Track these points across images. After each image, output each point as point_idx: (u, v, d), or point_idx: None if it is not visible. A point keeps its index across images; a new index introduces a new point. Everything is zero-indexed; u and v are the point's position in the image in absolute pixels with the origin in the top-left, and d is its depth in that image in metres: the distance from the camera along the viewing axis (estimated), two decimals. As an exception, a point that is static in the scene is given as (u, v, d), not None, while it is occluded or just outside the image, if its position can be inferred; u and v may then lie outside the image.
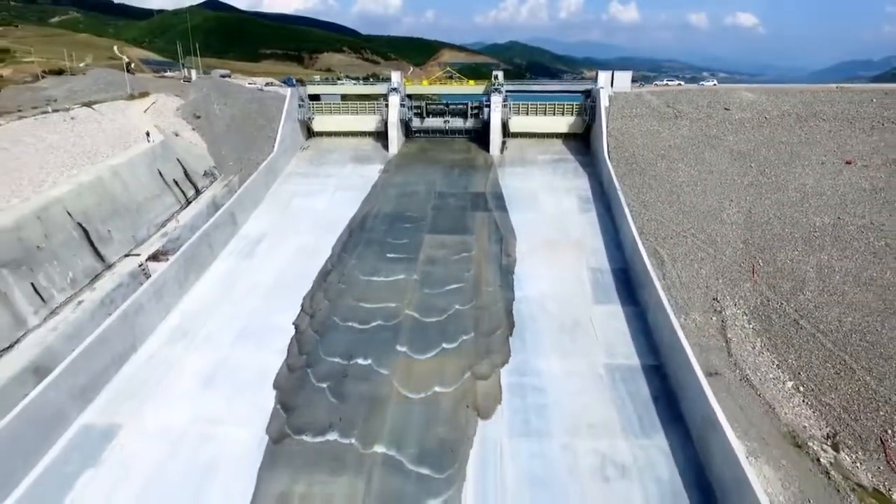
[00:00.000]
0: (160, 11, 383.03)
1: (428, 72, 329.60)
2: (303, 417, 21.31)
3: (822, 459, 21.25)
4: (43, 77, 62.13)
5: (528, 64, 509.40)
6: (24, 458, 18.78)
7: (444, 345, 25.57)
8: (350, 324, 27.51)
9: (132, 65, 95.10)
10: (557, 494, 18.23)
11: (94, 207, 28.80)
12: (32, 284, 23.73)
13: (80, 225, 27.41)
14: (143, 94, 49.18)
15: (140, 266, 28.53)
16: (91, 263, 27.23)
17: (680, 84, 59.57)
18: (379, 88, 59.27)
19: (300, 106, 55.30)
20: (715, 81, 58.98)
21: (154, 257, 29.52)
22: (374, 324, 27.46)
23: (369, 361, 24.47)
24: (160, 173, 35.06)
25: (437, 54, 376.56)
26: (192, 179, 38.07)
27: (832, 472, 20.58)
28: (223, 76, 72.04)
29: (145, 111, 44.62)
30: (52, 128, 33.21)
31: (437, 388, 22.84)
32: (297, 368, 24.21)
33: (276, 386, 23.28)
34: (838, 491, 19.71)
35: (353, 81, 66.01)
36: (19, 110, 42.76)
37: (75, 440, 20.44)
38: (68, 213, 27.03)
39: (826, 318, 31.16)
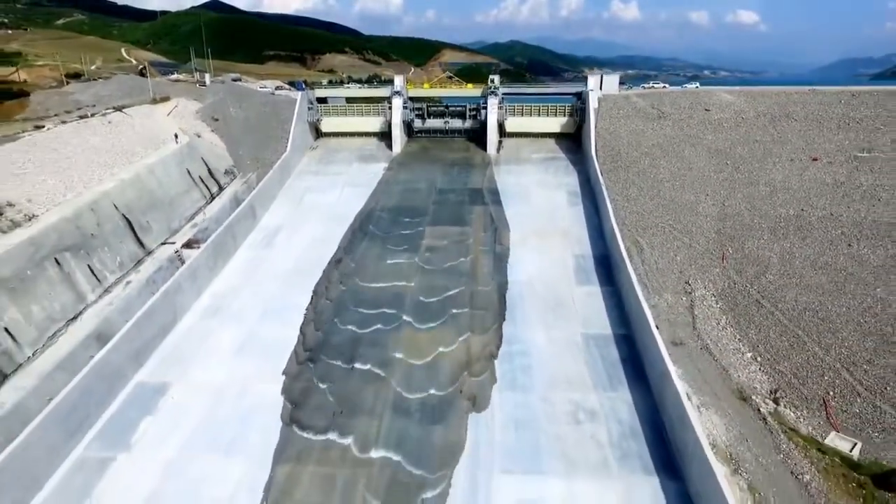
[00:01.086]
0: (164, 13, 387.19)
1: (429, 72, 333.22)
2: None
3: (762, 409, 25.05)
4: (67, 83, 65.88)
5: (530, 63, 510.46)
6: (95, 406, 22.70)
7: (443, 348, 27.77)
8: (360, 306, 31.35)
9: (144, 68, 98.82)
10: (537, 433, 22.11)
11: (135, 201, 32.72)
12: (89, 266, 27.61)
13: (124, 216, 31.31)
14: (165, 99, 52.93)
15: (176, 252, 32.42)
16: (134, 249, 31.14)
17: (665, 87, 63.23)
18: (383, 91, 62.97)
19: (309, 108, 59.12)
20: (697, 84, 62.56)
21: (187, 245, 33.40)
22: (380, 307, 31.18)
23: (378, 326, 28.24)
24: (188, 171, 38.96)
25: (438, 54, 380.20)
26: (215, 177, 41.95)
27: (769, 419, 24.39)
28: (234, 80, 75.81)
29: (168, 114, 48.43)
30: (93, 131, 37.07)
31: (440, 348, 26.69)
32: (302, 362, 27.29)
33: (285, 372, 26.38)
34: (771, 433, 23.50)
35: (359, 85, 69.78)
36: (56, 115, 46.74)
37: (134, 393, 24.38)
38: (115, 206, 30.93)
39: (784, 298, 34.99)
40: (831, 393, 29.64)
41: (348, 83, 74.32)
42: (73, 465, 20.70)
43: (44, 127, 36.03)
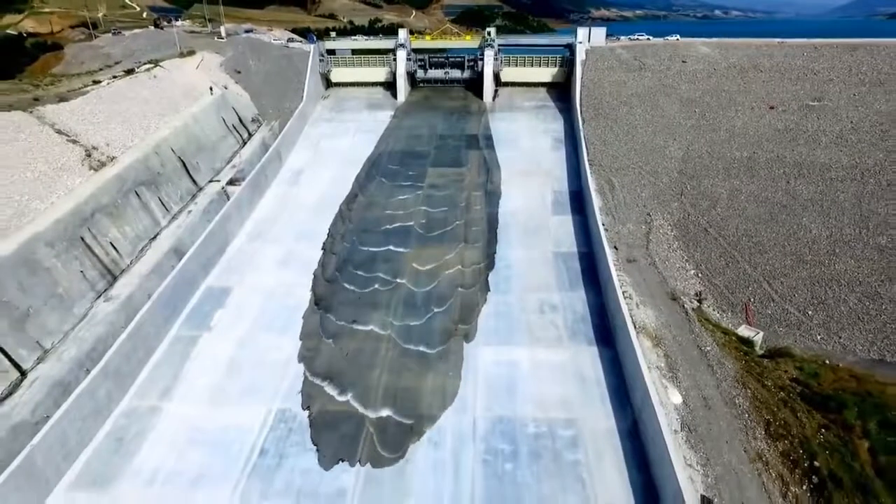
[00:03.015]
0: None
1: (430, 14, 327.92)
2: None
3: (685, 306, 32.47)
4: (96, 36, 70.68)
5: (535, 3, 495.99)
6: (181, 301, 30.27)
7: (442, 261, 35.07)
8: (376, 229, 38.48)
9: (158, 20, 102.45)
10: (511, 319, 29.69)
11: (186, 146, 39.30)
12: (159, 198, 34.60)
13: (179, 158, 38.00)
14: (191, 52, 58.24)
15: (222, 189, 39.28)
16: (189, 186, 38.02)
17: (648, 38, 67.79)
18: (388, 43, 67.82)
19: (321, 60, 64.32)
20: (678, 36, 66.95)
21: (231, 182, 40.21)
22: (391, 232, 38.25)
23: (388, 264, 35.45)
24: (224, 120, 45.24)
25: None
26: (244, 124, 48.21)
27: (689, 312, 31.83)
28: (247, 31, 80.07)
29: (197, 68, 54.05)
30: (142, 85, 43.13)
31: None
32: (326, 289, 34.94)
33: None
34: (690, 321, 30.97)
35: (365, 37, 74.38)
36: (100, 69, 52.51)
37: (205, 294, 31.93)
38: (172, 150, 37.56)
39: (727, 227, 42.02)
40: (752, 299, 37.19)
41: (355, 36, 78.65)
42: (173, 339, 28.46)
43: (101, 81, 42.10)
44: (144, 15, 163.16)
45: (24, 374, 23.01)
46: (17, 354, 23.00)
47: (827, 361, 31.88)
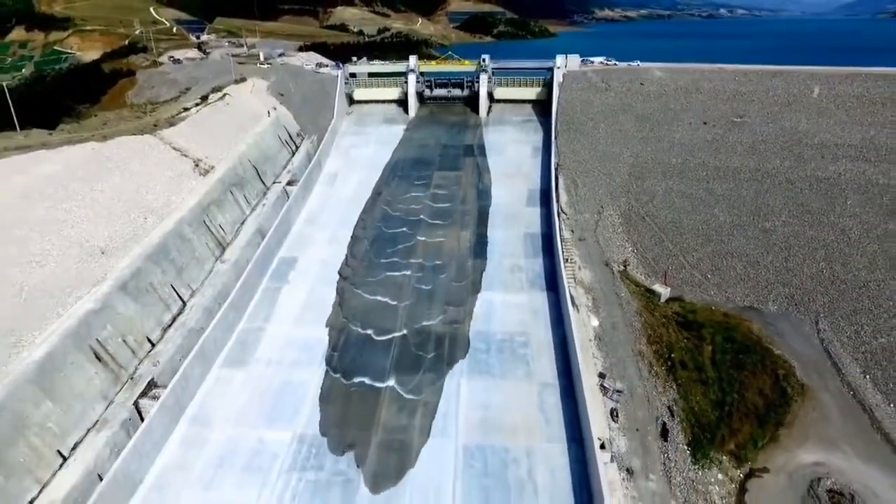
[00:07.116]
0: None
1: (435, 21, 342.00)
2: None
3: (613, 269, 46.30)
4: (161, 63, 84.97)
5: (537, 5, 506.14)
6: (265, 265, 44.48)
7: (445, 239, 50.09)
8: (395, 217, 52.56)
9: (202, 44, 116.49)
10: (490, 277, 43.72)
11: (256, 156, 53.50)
12: (244, 195, 48.84)
13: (253, 166, 52.24)
14: (242, 79, 72.31)
15: (283, 188, 53.49)
16: (261, 186, 52.26)
17: (615, 63, 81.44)
18: (400, 68, 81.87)
19: (346, 83, 78.50)
20: (639, 62, 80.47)
21: (289, 183, 54.38)
22: (407, 217, 52.33)
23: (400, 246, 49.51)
24: (279, 136, 59.49)
25: (445, 3, 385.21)
26: (292, 139, 62.44)
27: (615, 273, 45.68)
28: (280, 55, 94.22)
29: (251, 92, 68.24)
30: (219, 111, 57.38)
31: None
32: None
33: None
34: (614, 279, 44.80)
35: (382, 62, 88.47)
36: (176, 97, 66.72)
37: (280, 261, 46.20)
38: (248, 160, 51.82)
39: (660, 216, 55.75)
40: (670, 267, 50.95)
41: (372, 61, 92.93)
42: (265, 288, 42.72)
43: (189, 108, 56.37)
44: (174, 30, 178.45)
45: (184, 303, 37.25)
46: (180, 291, 37.21)
47: (713, 308, 45.70)
